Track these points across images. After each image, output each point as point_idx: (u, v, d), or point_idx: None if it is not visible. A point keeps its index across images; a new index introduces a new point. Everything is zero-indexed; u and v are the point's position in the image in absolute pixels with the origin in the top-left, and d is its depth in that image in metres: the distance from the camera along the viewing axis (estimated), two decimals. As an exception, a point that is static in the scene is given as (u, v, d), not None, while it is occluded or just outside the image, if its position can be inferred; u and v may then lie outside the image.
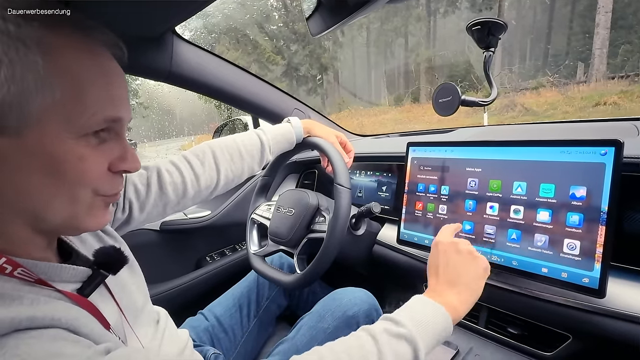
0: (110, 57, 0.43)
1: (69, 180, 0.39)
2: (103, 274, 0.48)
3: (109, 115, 0.41)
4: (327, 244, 0.79)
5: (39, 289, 0.41)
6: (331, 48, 19.09)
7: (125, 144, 0.45)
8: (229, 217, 1.30)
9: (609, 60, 11.35)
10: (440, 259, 0.60)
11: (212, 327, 0.90)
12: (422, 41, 19.35)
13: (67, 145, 0.38)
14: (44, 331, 0.35)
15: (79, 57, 0.39)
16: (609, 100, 8.34)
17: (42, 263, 0.42)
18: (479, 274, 0.57)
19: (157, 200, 0.72)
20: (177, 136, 10.11)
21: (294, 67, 17.80)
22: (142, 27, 0.78)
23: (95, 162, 0.41)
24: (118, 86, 0.43)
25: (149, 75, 0.95)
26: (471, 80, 12.59)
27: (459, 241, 0.60)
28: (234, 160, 0.80)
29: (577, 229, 0.58)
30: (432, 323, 0.50)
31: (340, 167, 0.84)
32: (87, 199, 0.41)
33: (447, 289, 0.56)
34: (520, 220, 0.65)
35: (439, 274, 0.58)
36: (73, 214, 0.41)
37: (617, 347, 0.59)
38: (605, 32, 10.98)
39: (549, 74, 11.43)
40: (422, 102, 14.49)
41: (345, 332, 0.76)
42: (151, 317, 0.62)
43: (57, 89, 0.37)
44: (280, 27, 17.43)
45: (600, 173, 0.57)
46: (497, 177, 0.69)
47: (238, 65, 1.13)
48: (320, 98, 19.37)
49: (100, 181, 0.42)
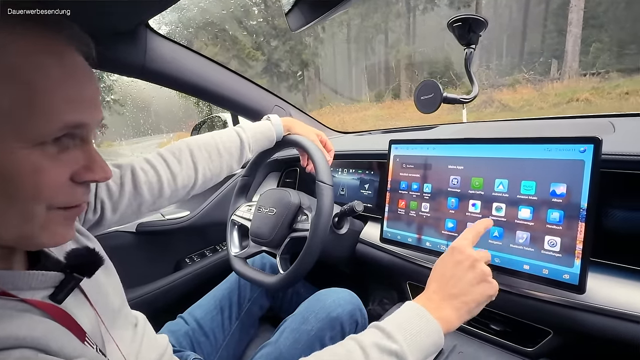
0: (75, 55, 0.39)
1: (22, 194, 0.35)
2: (77, 278, 0.45)
3: (70, 121, 0.36)
4: (310, 243, 0.78)
5: (3, 302, 0.37)
6: (312, 44, 19.03)
7: (92, 152, 0.40)
8: (208, 217, 1.26)
9: (581, 57, 11.73)
10: (452, 269, 0.54)
11: (193, 331, 0.88)
12: (402, 38, 19.50)
13: (19, 156, 0.34)
14: (8, 353, 0.32)
15: (33, 57, 0.35)
16: (581, 96, 8.64)
17: (4, 272, 0.39)
18: (483, 298, 0.53)
19: (132, 200, 0.68)
20: (155, 134, 9.85)
21: (274, 63, 17.64)
22: (113, 20, 0.75)
23: (54, 173, 0.36)
24: (83, 87, 0.38)
25: (122, 70, 0.91)
26: (450, 77, 12.79)
27: (478, 257, 0.54)
28: (212, 159, 0.77)
29: (558, 226, 0.59)
30: (424, 338, 0.48)
31: (322, 164, 0.82)
32: (41, 215, 0.37)
33: (447, 301, 0.52)
34: (502, 217, 0.65)
35: (444, 283, 0.54)
36: (26, 232, 0.37)
37: (597, 342, 0.60)
38: (577, 30, 11.34)
39: (524, 71, 11.72)
40: (402, 98, 14.63)
41: (329, 334, 0.76)
42: (129, 320, 0.59)
43: (4, 94, 0.33)
44: (260, 22, 17.22)
45: (579, 170, 0.57)
46: (479, 175, 0.69)
47: (216, 61, 1.10)
48: (301, 94, 19.29)
49: (59, 194, 0.38)
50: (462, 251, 0.55)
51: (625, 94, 8.17)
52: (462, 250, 0.55)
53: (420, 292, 0.86)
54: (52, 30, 0.37)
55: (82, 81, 0.39)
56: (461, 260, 0.54)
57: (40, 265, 0.46)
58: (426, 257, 0.80)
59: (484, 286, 0.52)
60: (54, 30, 0.37)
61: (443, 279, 0.54)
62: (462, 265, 0.53)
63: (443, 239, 0.74)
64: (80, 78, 0.39)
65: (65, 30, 0.38)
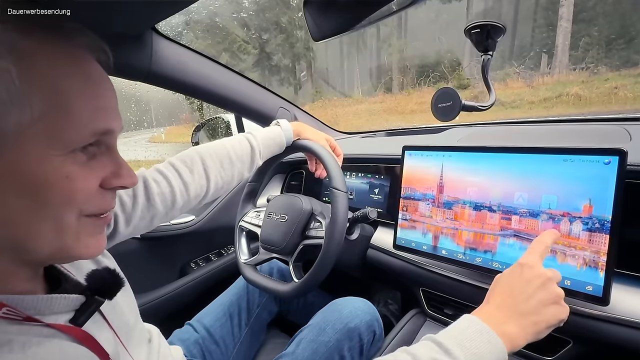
0: (96, 64, 0.39)
1: (55, 202, 0.35)
2: (99, 301, 0.44)
3: (98, 128, 0.37)
4: (326, 250, 0.77)
5: (28, 328, 0.36)
6: (304, 37, 18.88)
7: (118, 158, 0.41)
8: (214, 222, 1.25)
9: (571, 52, 11.86)
10: (522, 286, 0.49)
11: (203, 339, 0.86)
12: (393, 31, 19.45)
13: (52, 164, 0.34)
14: None
15: (59, 64, 0.35)
16: (571, 91, 8.75)
17: (28, 297, 0.38)
18: (555, 321, 0.48)
19: (145, 212, 0.66)
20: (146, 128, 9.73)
21: (266, 56, 17.48)
22: (121, 24, 0.72)
23: (85, 179, 0.37)
24: (106, 94, 0.39)
25: (127, 74, 0.88)
26: (441, 71, 12.83)
27: (551, 276, 0.49)
28: (223, 167, 0.76)
29: (581, 239, 0.59)
30: (487, 356, 0.43)
31: (335, 170, 0.81)
32: (73, 223, 0.37)
33: (514, 318, 0.47)
34: (522, 229, 0.65)
35: (512, 299, 0.48)
36: (62, 243, 0.37)
37: (618, 353, 0.60)
38: (567, 25, 11.45)
39: (515, 65, 11.82)
40: (394, 92, 14.65)
41: (347, 345, 0.75)
42: (143, 335, 0.58)
43: (36, 101, 0.33)
44: (251, 15, 17.01)
45: (604, 182, 0.57)
46: (497, 186, 0.69)
47: (221, 62, 1.08)
48: (293, 88, 19.17)
49: (90, 201, 0.38)
50: (533, 268, 0.49)
51: (615, 88, 8.30)
52: (532, 267, 0.49)
53: (434, 299, 0.86)
54: (73, 40, 0.37)
55: (105, 89, 0.40)
56: (531, 278, 0.49)
57: (61, 289, 0.45)
58: (441, 265, 0.80)
59: (557, 308, 0.48)
60: (74, 41, 0.37)
61: (512, 294, 0.49)
62: (533, 284, 0.48)
63: (461, 248, 0.73)
64: (103, 86, 0.39)
65: (85, 39, 0.39)
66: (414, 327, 0.86)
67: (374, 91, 15.90)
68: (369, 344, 0.78)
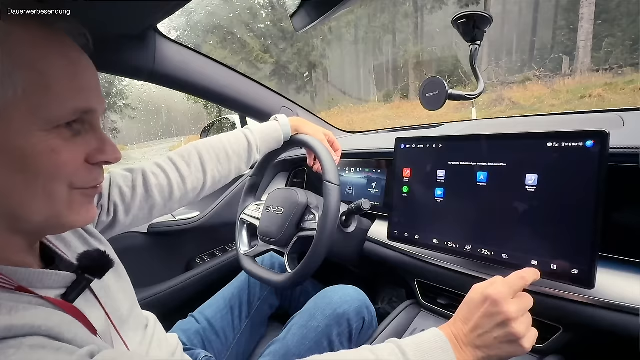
0: (76, 47, 0.42)
1: (43, 174, 0.38)
2: (88, 279, 0.47)
3: (79, 106, 0.40)
4: (317, 242, 0.79)
5: (19, 296, 0.39)
6: (319, 46, 19.06)
7: (102, 135, 0.44)
8: (218, 218, 1.28)
9: (593, 53, 11.52)
10: (479, 319, 0.49)
11: (203, 329, 0.89)
12: (409, 37, 19.40)
13: (37, 138, 0.37)
14: (23, 340, 0.34)
15: (39, 45, 0.38)
16: (594, 93, 8.47)
17: (22, 269, 0.41)
18: (508, 357, 0.48)
19: (143, 203, 0.70)
20: (166, 137, 10.00)
21: (282, 65, 17.73)
22: (123, 25, 0.76)
23: (70, 154, 0.40)
24: (85, 76, 0.42)
25: (131, 74, 0.93)
26: (459, 76, 12.68)
27: (514, 316, 0.47)
28: (220, 161, 0.79)
29: (566, 221, 0.58)
30: None
31: (329, 163, 0.83)
32: (64, 194, 0.40)
33: (470, 347, 0.48)
34: (511, 213, 0.65)
35: (468, 330, 0.49)
36: (54, 211, 0.40)
37: (607, 338, 0.59)
38: (589, 26, 11.14)
39: (535, 68, 11.56)
40: (411, 98, 14.55)
41: (336, 330, 0.76)
42: (139, 322, 0.61)
43: (19, 81, 0.36)
44: (267, 25, 17.33)
45: (587, 165, 0.57)
46: (486, 172, 0.69)
47: (223, 63, 1.12)
48: (309, 96, 19.33)
49: (77, 174, 0.41)
50: (497, 304, 0.48)
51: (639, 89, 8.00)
52: (497, 303, 0.48)
53: (429, 290, 0.86)
54: (53, 25, 0.40)
55: (85, 71, 0.42)
56: (493, 314, 0.48)
57: (54, 266, 0.48)
58: (435, 255, 0.80)
59: (513, 347, 0.47)
60: (55, 25, 0.40)
61: (468, 324, 0.49)
62: (492, 320, 0.48)
63: (451, 237, 0.74)
64: (84, 68, 0.42)
65: (65, 24, 0.42)
66: (408, 317, 0.87)
67: (391, 97, 15.84)
68: (358, 330, 0.79)
